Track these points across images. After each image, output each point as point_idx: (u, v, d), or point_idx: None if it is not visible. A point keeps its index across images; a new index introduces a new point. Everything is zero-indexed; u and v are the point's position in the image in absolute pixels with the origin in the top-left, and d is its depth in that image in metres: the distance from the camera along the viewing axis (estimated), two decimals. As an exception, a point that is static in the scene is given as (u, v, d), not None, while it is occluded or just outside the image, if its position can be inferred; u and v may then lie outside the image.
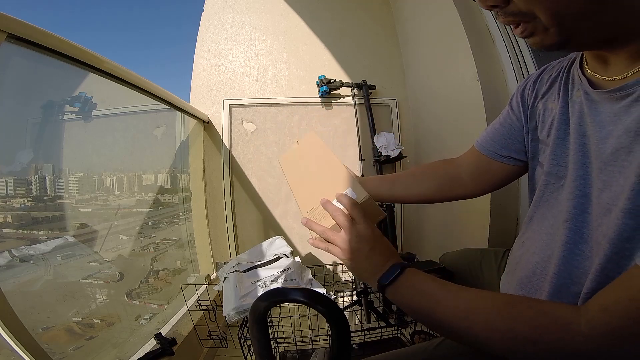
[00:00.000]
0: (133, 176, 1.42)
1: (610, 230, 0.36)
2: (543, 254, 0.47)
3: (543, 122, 0.51)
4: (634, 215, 0.33)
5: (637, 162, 0.33)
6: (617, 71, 0.39)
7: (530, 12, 0.35)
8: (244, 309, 0.88)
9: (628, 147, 0.35)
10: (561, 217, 0.44)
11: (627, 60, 0.37)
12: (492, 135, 0.62)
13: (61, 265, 1.00)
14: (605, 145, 0.38)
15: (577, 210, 0.42)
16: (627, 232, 0.34)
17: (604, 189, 0.38)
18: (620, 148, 0.36)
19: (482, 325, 0.38)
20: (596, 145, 0.40)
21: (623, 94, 0.37)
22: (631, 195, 0.34)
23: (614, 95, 0.38)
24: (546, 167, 0.49)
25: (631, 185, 0.34)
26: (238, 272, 1.04)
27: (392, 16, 1.98)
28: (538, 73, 0.56)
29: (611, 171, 0.37)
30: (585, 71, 0.44)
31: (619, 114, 0.37)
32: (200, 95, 1.80)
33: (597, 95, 0.41)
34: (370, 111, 1.76)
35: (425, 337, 1.15)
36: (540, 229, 0.50)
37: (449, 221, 1.52)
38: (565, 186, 0.45)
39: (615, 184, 0.36)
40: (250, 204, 1.79)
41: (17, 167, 0.91)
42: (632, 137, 0.35)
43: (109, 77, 0.98)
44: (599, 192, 0.39)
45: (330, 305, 0.39)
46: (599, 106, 0.40)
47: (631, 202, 0.34)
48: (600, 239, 0.38)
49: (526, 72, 1.19)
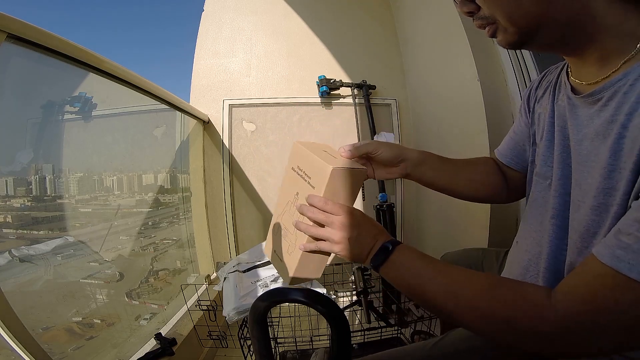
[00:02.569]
0: (133, 176, 1.42)
1: (581, 225, 0.40)
2: (534, 251, 0.50)
3: (538, 126, 0.54)
4: (598, 212, 0.37)
5: (602, 162, 0.37)
6: (590, 77, 0.42)
7: (492, 16, 0.41)
8: (244, 308, 0.88)
9: (597, 149, 0.39)
10: (548, 214, 0.47)
11: (596, 65, 0.40)
12: (509, 144, 0.65)
13: (61, 265, 1.00)
14: (581, 147, 0.42)
15: (561, 207, 0.45)
16: (594, 227, 0.38)
17: (576, 187, 0.42)
18: (592, 149, 0.40)
19: (465, 303, 0.39)
20: (575, 146, 0.43)
21: (595, 99, 0.40)
22: (596, 193, 0.37)
23: (588, 99, 0.41)
24: (537, 168, 0.52)
25: (597, 184, 0.37)
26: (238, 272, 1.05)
27: (392, 16, 1.98)
28: (539, 78, 0.58)
29: (582, 171, 0.41)
30: (569, 77, 0.47)
31: (592, 117, 0.40)
32: (200, 95, 1.80)
33: (576, 100, 0.44)
34: (370, 111, 1.76)
35: (425, 337, 1.15)
36: (531, 227, 0.52)
37: (449, 221, 1.52)
38: (551, 185, 0.48)
39: (584, 182, 0.40)
40: (250, 204, 1.79)
41: (17, 167, 0.91)
42: (600, 140, 0.38)
43: (109, 77, 0.98)
44: (574, 190, 0.43)
45: (330, 305, 0.39)
46: (577, 110, 0.44)
47: (596, 200, 0.37)
48: (573, 233, 0.42)
49: (526, 72, 1.19)
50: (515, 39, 0.41)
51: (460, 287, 0.40)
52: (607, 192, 0.36)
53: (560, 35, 0.40)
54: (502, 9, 0.40)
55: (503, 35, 0.42)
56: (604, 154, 0.37)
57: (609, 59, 0.39)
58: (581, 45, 0.40)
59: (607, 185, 0.36)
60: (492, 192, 0.67)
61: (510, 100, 1.23)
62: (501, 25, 0.41)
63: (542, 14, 0.38)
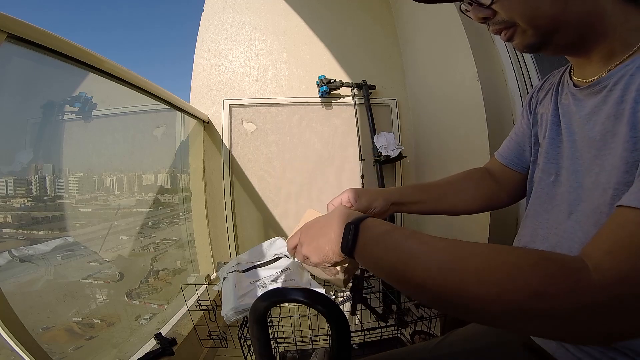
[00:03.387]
0: (133, 176, 1.42)
1: (608, 207, 0.38)
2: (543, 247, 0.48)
3: (541, 127, 0.55)
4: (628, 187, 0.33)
5: (624, 137, 0.37)
6: (594, 74, 0.44)
7: (511, 20, 0.42)
8: (242, 308, 0.88)
9: (612, 131, 0.39)
10: (559, 209, 0.47)
11: (600, 63, 0.42)
12: (509, 146, 0.65)
13: (61, 265, 1.00)
14: (594, 134, 0.42)
15: (574, 201, 0.45)
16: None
17: (601, 172, 0.40)
18: (606, 132, 0.40)
19: (474, 277, 0.29)
20: (585, 136, 0.44)
21: (600, 87, 0.42)
22: (627, 167, 0.36)
23: (594, 89, 0.43)
24: (541, 166, 0.52)
25: (624, 159, 0.36)
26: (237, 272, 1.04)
27: (392, 16, 1.98)
28: (542, 82, 0.60)
29: (603, 154, 0.40)
30: (572, 77, 0.49)
31: (599, 104, 0.42)
32: (200, 95, 1.80)
33: (580, 94, 0.46)
34: (370, 111, 1.76)
35: (425, 337, 1.15)
36: (534, 224, 0.52)
37: (449, 222, 1.52)
38: (557, 182, 0.48)
39: (608, 164, 0.39)
40: (250, 204, 1.79)
41: (17, 167, 0.91)
42: (613, 121, 0.39)
43: (109, 77, 0.98)
44: (595, 177, 0.41)
45: (330, 305, 0.39)
46: (583, 102, 0.45)
47: (629, 174, 0.36)
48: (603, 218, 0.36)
49: (526, 72, 1.20)
50: (535, 40, 0.42)
51: (461, 256, 0.31)
52: (636, 163, 0.35)
53: (574, 35, 0.41)
54: (521, 12, 0.40)
55: (521, 38, 0.43)
56: (623, 130, 0.37)
57: (614, 55, 0.41)
58: (590, 44, 0.42)
59: (635, 157, 0.35)
60: (486, 202, 0.67)
61: (510, 100, 1.23)
62: (520, 29, 0.42)
63: (559, 14, 0.39)
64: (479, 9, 0.44)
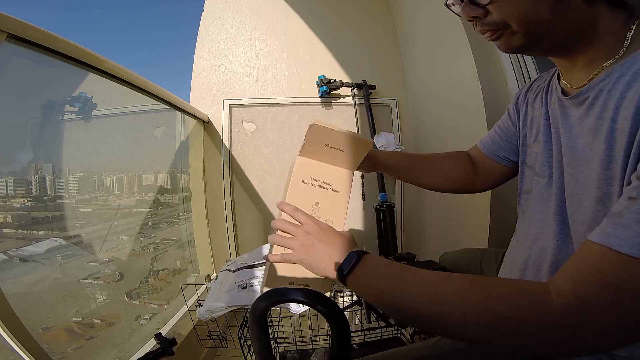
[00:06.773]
0: (133, 176, 1.42)
1: (587, 217, 0.40)
2: (535, 247, 0.50)
3: (531, 129, 0.56)
4: (603, 202, 0.38)
5: (600, 155, 0.38)
6: (578, 80, 0.45)
7: (503, 21, 0.42)
8: (212, 309, 0.88)
9: (591, 144, 0.40)
10: (550, 211, 0.48)
11: (584, 69, 0.43)
12: (492, 137, 0.68)
13: (61, 265, 1.00)
14: (576, 144, 0.43)
15: (562, 204, 0.46)
16: (600, 217, 0.37)
17: (571, 182, 0.44)
18: (587, 145, 0.41)
19: (455, 306, 0.35)
20: (568, 144, 0.45)
21: (582, 99, 0.43)
22: (599, 184, 0.38)
23: (576, 100, 0.44)
24: (536, 168, 0.53)
25: (597, 176, 0.38)
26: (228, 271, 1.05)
27: (392, 16, 1.98)
28: (530, 83, 0.61)
29: (577, 166, 0.42)
30: (561, 81, 0.50)
31: (582, 116, 0.43)
32: (200, 95, 1.80)
33: (566, 102, 0.46)
34: (370, 111, 1.76)
35: (425, 337, 1.15)
36: (529, 225, 0.53)
37: (449, 221, 1.52)
38: (550, 184, 0.50)
39: (582, 176, 0.41)
40: (250, 204, 1.79)
41: (17, 167, 0.91)
42: (592, 135, 0.40)
43: (109, 77, 0.98)
44: (574, 185, 0.43)
45: (330, 305, 0.39)
46: (568, 111, 0.46)
47: (599, 191, 0.38)
48: (578, 226, 0.42)
49: (526, 72, 1.19)
50: (522, 43, 0.43)
51: (444, 286, 0.37)
52: (608, 182, 0.37)
53: (562, 40, 0.42)
54: (517, 15, 0.41)
55: (508, 40, 0.43)
56: (600, 147, 0.38)
57: (596, 62, 0.42)
58: (577, 50, 0.43)
59: (607, 175, 0.37)
60: (459, 184, 0.73)
61: (510, 100, 1.22)
62: (509, 31, 0.42)
63: (556, 21, 0.40)
64: (471, 7, 0.44)
